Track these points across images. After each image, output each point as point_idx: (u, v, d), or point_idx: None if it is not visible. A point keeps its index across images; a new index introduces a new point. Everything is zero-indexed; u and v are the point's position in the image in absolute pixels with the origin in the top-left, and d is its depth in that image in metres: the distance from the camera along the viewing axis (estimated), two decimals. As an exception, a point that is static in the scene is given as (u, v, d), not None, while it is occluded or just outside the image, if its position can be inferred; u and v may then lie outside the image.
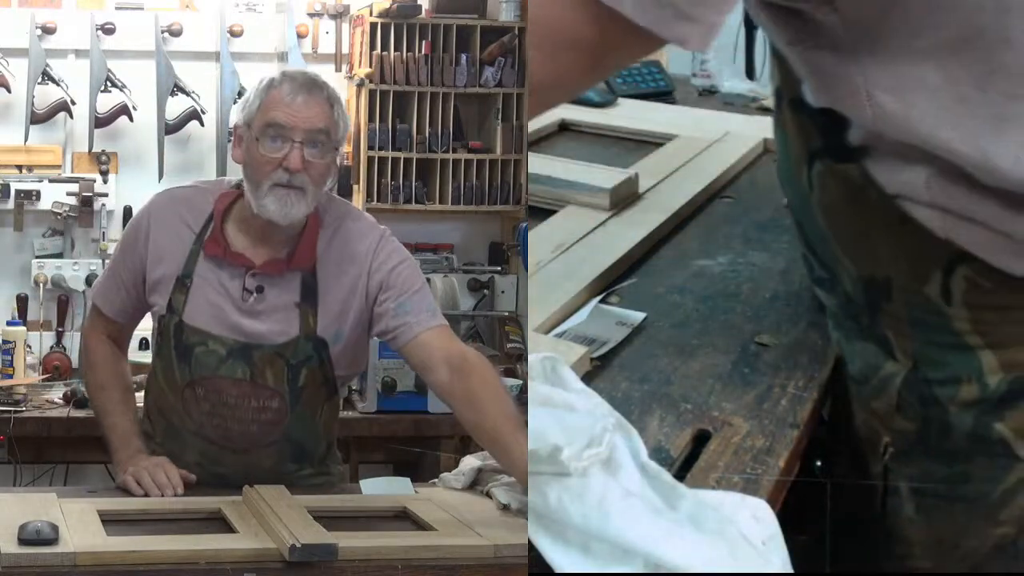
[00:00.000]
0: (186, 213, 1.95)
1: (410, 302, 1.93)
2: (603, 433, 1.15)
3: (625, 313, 1.68)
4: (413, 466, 3.17)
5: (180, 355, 1.92)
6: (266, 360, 1.91)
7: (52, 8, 3.50)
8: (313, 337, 1.92)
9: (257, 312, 1.91)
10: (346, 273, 1.93)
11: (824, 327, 1.67)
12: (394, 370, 3.16)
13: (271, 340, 1.91)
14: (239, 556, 1.59)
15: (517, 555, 1.63)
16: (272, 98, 1.88)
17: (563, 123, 2.72)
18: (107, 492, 1.92)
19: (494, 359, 3.44)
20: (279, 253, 1.92)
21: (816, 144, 1.48)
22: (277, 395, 1.93)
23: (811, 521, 1.49)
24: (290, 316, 1.91)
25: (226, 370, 1.91)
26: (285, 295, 1.91)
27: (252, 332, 1.91)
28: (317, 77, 1.94)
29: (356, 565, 1.60)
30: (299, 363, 1.92)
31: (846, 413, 1.60)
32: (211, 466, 1.96)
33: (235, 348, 1.91)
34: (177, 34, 3.54)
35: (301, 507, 1.76)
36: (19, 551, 1.54)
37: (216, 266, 1.91)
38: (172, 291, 1.92)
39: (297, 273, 1.91)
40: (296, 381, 1.93)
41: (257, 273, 1.91)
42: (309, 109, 1.87)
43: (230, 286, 1.91)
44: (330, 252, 1.93)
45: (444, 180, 3.58)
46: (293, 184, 1.84)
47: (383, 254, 1.95)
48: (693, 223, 2.10)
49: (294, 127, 1.85)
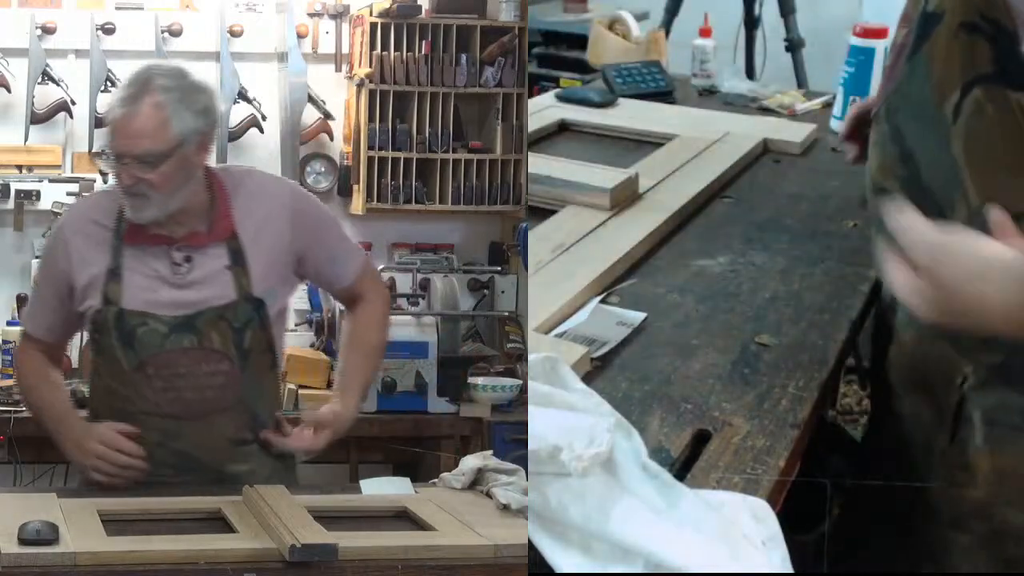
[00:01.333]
0: (97, 216, 2.02)
1: (338, 248, 2.12)
2: (603, 433, 1.15)
3: (625, 313, 1.68)
4: (413, 466, 3.17)
5: (124, 341, 1.97)
6: (210, 324, 1.98)
7: (52, 8, 3.50)
8: (251, 298, 1.99)
9: (191, 282, 1.98)
10: (267, 229, 2.02)
11: (824, 327, 1.67)
12: (394, 370, 3.16)
13: (211, 303, 1.98)
14: (239, 556, 1.59)
15: (517, 555, 1.63)
16: (109, 117, 1.96)
17: (563, 123, 2.72)
18: (107, 492, 1.92)
19: (494, 359, 3.45)
20: (198, 226, 1.99)
21: (985, 69, 1.46)
22: (226, 358, 1.98)
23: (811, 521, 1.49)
24: (224, 280, 1.99)
25: (172, 343, 1.97)
26: (214, 262, 1.99)
27: (191, 301, 1.98)
28: (156, 76, 1.95)
29: (356, 565, 1.60)
30: (242, 326, 1.99)
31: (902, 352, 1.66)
32: (172, 442, 1.99)
33: (176, 322, 1.97)
34: (177, 34, 3.54)
35: (301, 507, 1.76)
36: (19, 551, 1.54)
37: (141, 252, 1.99)
38: (105, 285, 1.98)
39: (221, 242, 1.99)
40: (242, 344, 1.99)
41: (182, 246, 1.98)
42: (132, 126, 1.91)
43: (159, 266, 1.98)
44: (247, 214, 2.01)
45: (444, 180, 3.58)
46: (134, 192, 1.93)
47: (300, 205, 2.07)
48: (693, 223, 2.09)
49: (119, 153, 1.92)
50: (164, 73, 1.95)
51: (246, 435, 2.03)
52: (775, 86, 3.22)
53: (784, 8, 4.28)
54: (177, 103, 1.92)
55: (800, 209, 2.19)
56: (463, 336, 3.44)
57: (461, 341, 3.38)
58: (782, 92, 3.09)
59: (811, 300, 1.77)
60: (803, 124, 2.75)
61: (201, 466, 1.99)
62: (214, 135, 2.03)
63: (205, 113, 1.97)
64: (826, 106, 2.92)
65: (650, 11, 4.49)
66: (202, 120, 1.96)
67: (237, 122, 3.56)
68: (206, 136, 1.98)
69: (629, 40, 3.46)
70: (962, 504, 1.61)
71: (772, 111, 2.95)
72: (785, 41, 4.29)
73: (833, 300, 1.77)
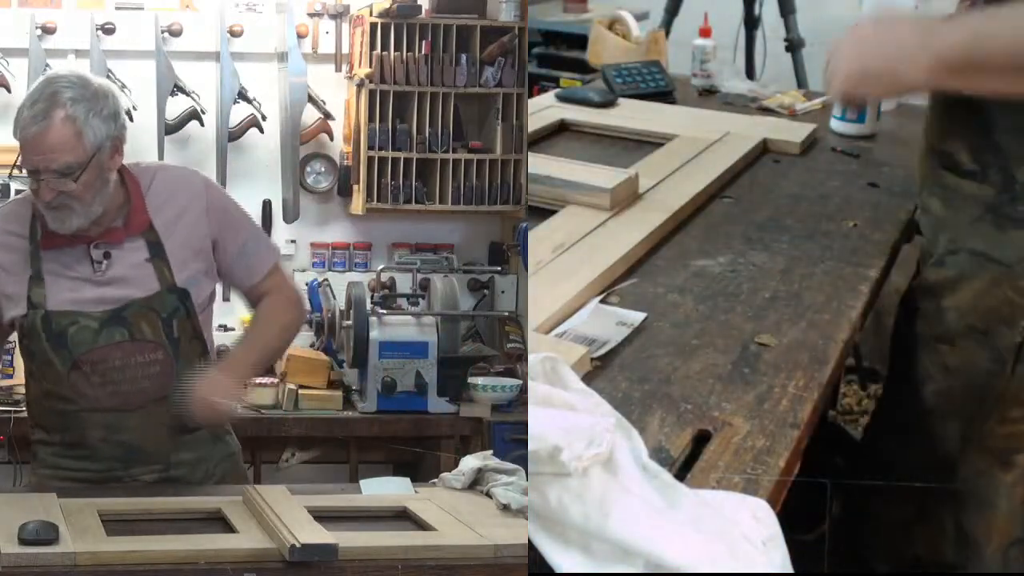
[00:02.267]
0: (11, 227, 2.05)
1: (249, 243, 2.14)
2: (603, 433, 1.15)
3: (625, 313, 1.68)
4: (413, 466, 3.17)
5: (55, 343, 2.00)
6: (139, 315, 2.00)
7: (52, 8, 3.50)
8: (174, 288, 2.02)
9: (113, 279, 2.01)
10: (182, 220, 2.06)
11: (824, 327, 1.67)
12: (394, 370, 3.17)
13: (136, 296, 2.00)
14: (239, 556, 1.59)
15: (517, 555, 1.63)
16: (19, 134, 1.96)
17: (563, 123, 2.72)
18: (107, 492, 1.93)
19: (494, 359, 3.45)
20: (114, 223, 2.02)
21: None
22: (159, 347, 2.01)
23: (811, 521, 1.49)
24: (146, 273, 2.02)
25: (104, 338, 1.99)
26: (133, 256, 2.02)
27: (116, 297, 2.00)
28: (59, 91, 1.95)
29: (356, 565, 1.61)
30: (169, 316, 2.02)
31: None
32: (116, 436, 2.01)
33: (106, 317, 1.99)
34: (177, 34, 3.54)
35: (301, 507, 1.76)
36: (19, 551, 1.54)
37: (60, 255, 2.02)
38: (28, 291, 2.00)
39: (138, 236, 2.03)
40: (172, 333, 2.02)
41: (99, 243, 2.01)
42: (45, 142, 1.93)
43: (79, 266, 2.01)
44: (162, 207, 2.05)
45: (444, 180, 3.58)
46: (56, 206, 1.96)
47: (212, 196, 2.11)
48: (693, 223, 2.09)
49: (37, 169, 1.95)
50: (68, 84, 1.96)
51: (186, 423, 2.05)
52: (775, 86, 3.22)
53: (784, 8, 4.28)
54: (87, 113, 1.95)
55: (800, 209, 2.19)
56: (463, 336, 3.44)
57: (461, 341, 3.38)
58: (782, 92, 3.09)
59: (811, 300, 1.77)
60: (803, 124, 2.75)
61: (147, 457, 2.03)
62: (125, 136, 2.04)
63: (114, 117, 1.99)
64: (826, 106, 2.92)
65: (650, 11, 4.49)
66: (112, 124, 1.98)
67: (237, 122, 3.56)
68: (118, 139, 2.01)
69: (629, 40, 3.46)
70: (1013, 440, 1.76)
71: (772, 111, 2.95)
72: (785, 41, 4.29)
73: (833, 300, 1.77)
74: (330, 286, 3.53)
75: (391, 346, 3.17)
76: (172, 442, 2.04)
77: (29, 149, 1.94)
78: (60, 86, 1.95)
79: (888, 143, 2.68)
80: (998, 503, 1.79)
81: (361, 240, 3.71)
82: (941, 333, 1.83)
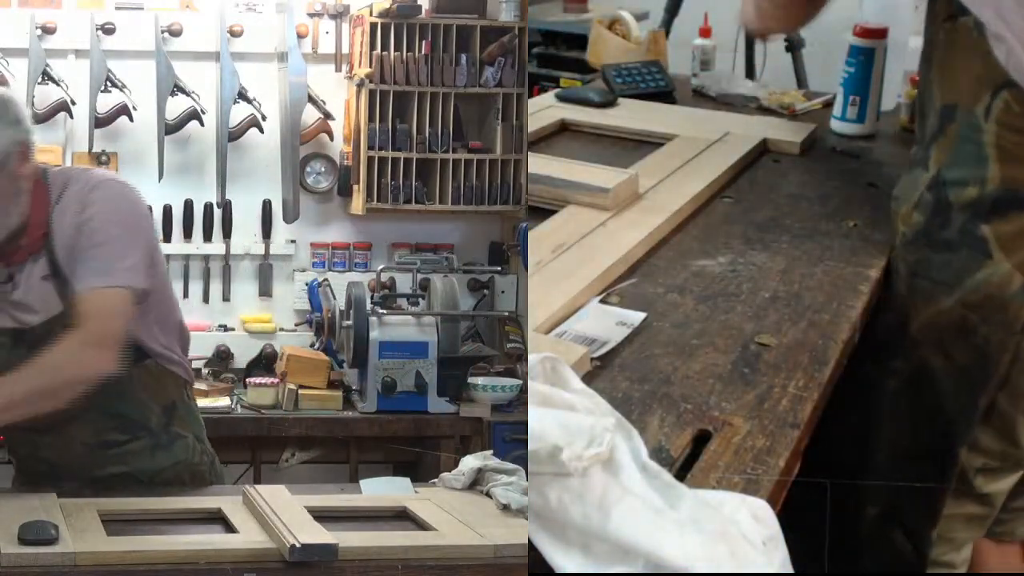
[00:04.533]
0: None
1: (93, 252, 1.93)
2: (603, 433, 1.15)
3: (625, 313, 1.68)
4: (413, 466, 3.17)
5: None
6: (41, 338, 1.91)
7: (52, 8, 3.50)
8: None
9: (17, 301, 1.95)
10: (66, 224, 1.94)
11: (824, 327, 1.67)
12: (394, 370, 3.17)
13: (39, 319, 1.94)
14: (239, 556, 1.59)
15: (517, 555, 1.63)
16: None
17: (563, 123, 2.72)
18: (107, 492, 1.93)
19: (494, 359, 3.45)
20: (14, 244, 1.94)
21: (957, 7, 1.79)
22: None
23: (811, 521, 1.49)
24: (47, 292, 1.94)
25: (14, 360, 1.90)
26: (35, 275, 1.94)
27: (22, 319, 1.95)
28: None
29: (356, 565, 1.61)
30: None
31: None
32: (39, 453, 2.00)
33: (13, 336, 1.94)
34: (177, 34, 3.54)
35: (301, 507, 1.76)
36: (19, 551, 1.54)
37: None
38: None
39: (40, 253, 1.94)
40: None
41: (3, 266, 1.94)
42: None
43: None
44: (64, 218, 1.94)
45: (444, 180, 3.58)
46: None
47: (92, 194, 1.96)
48: (693, 223, 2.09)
49: None
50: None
51: (115, 437, 2.01)
52: (775, 86, 3.22)
53: (784, 8, 4.27)
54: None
55: (800, 209, 2.19)
56: (463, 336, 3.44)
57: (461, 341, 3.38)
58: (782, 92, 3.09)
59: (811, 300, 1.76)
60: (803, 124, 2.75)
61: (69, 473, 1.98)
62: (32, 142, 1.96)
63: (17, 123, 1.93)
64: (826, 106, 2.92)
65: (650, 11, 4.48)
66: (15, 130, 1.92)
67: (237, 122, 3.56)
68: (24, 145, 1.93)
69: (629, 40, 3.45)
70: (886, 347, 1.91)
71: (772, 111, 2.95)
72: (785, 41, 4.28)
73: (833, 300, 1.77)
74: (330, 286, 3.53)
75: (391, 346, 3.18)
76: (93, 457, 1.99)
77: None
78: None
79: (888, 143, 2.68)
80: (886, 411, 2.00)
81: (361, 240, 3.71)
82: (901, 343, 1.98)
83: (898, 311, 1.93)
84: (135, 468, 2.02)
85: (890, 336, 1.94)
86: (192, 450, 2.09)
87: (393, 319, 3.22)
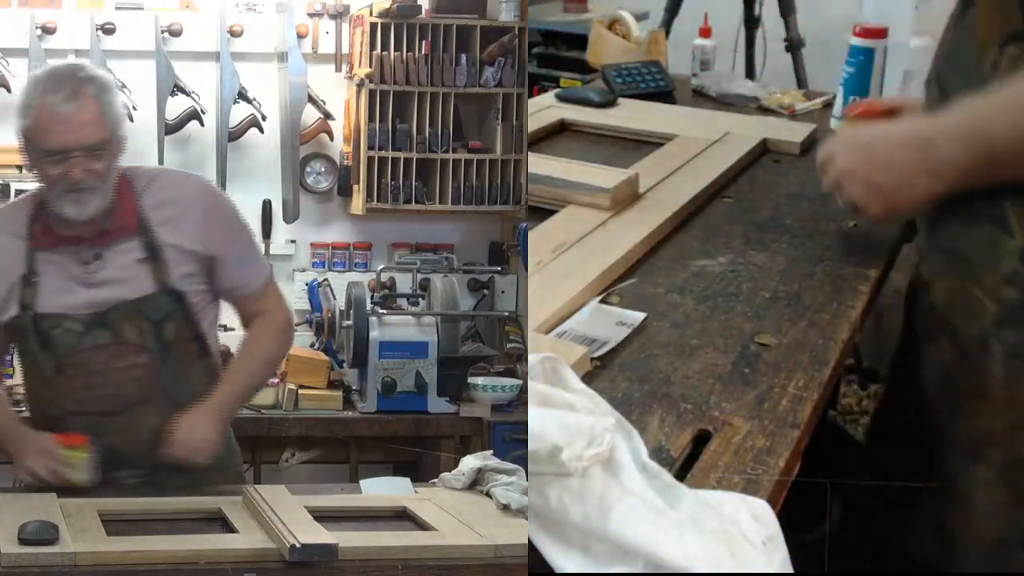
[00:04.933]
0: (8, 227, 2.05)
1: (247, 253, 2.14)
2: (603, 433, 1.15)
3: (625, 313, 1.68)
4: (413, 466, 3.17)
5: (41, 345, 2.00)
6: (123, 318, 2.00)
7: (52, 8, 3.50)
8: (170, 290, 2.01)
9: (104, 280, 2.01)
10: (179, 221, 2.05)
11: (824, 327, 1.67)
12: (394, 370, 3.17)
13: (124, 298, 2.00)
14: (239, 556, 1.59)
15: (517, 555, 1.63)
16: (41, 113, 1.96)
17: (563, 123, 2.72)
18: (107, 492, 1.93)
19: (494, 359, 3.45)
20: (105, 224, 2.01)
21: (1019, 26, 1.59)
22: (143, 351, 2.01)
23: (811, 521, 1.49)
24: (139, 274, 2.01)
25: (87, 341, 1.99)
26: (126, 256, 2.01)
27: (104, 299, 2.00)
28: (78, 71, 2.00)
29: (356, 565, 1.61)
30: (162, 318, 2.01)
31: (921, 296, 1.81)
32: (100, 439, 2.00)
33: (90, 320, 1.99)
34: (177, 34, 3.54)
35: (301, 507, 1.76)
36: (19, 551, 1.54)
37: (53, 255, 2.02)
38: (20, 292, 2.01)
39: (133, 236, 2.02)
40: (161, 337, 2.01)
41: (91, 244, 2.01)
42: (78, 120, 1.95)
43: (71, 266, 2.01)
44: (158, 209, 2.04)
45: (444, 180, 3.58)
46: (83, 187, 1.96)
47: (211, 201, 2.11)
48: (693, 223, 2.09)
49: (67, 148, 1.94)
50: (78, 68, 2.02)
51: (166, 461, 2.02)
52: (775, 86, 3.22)
53: (784, 8, 4.28)
54: (104, 94, 1.98)
55: (800, 209, 2.19)
56: (463, 336, 3.44)
57: (461, 341, 3.38)
58: (782, 92, 3.09)
59: (811, 300, 1.76)
60: (803, 124, 2.75)
61: (130, 460, 2.01)
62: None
63: (120, 103, 2.04)
64: (826, 106, 2.92)
65: (650, 11, 4.49)
66: (121, 108, 2.04)
67: (237, 122, 3.56)
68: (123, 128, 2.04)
69: (629, 40, 3.45)
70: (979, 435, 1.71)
71: (772, 111, 2.95)
72: (785, 41, 4.29)
73: (833, 300, 1.77)
74: (330, 286, 3.53)
75: (391, 346, 3.18)
76: (155, 446, 2.02)
77: (61, 129, 1.94)
78: (75, 69, 2.00)
79: (888, 143, 2.68)
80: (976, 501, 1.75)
81: (361, 240, 3.71)
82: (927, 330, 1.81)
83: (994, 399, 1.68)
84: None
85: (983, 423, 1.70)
86: (234, 450, 2.17)
87: (393, 319, 3.22)
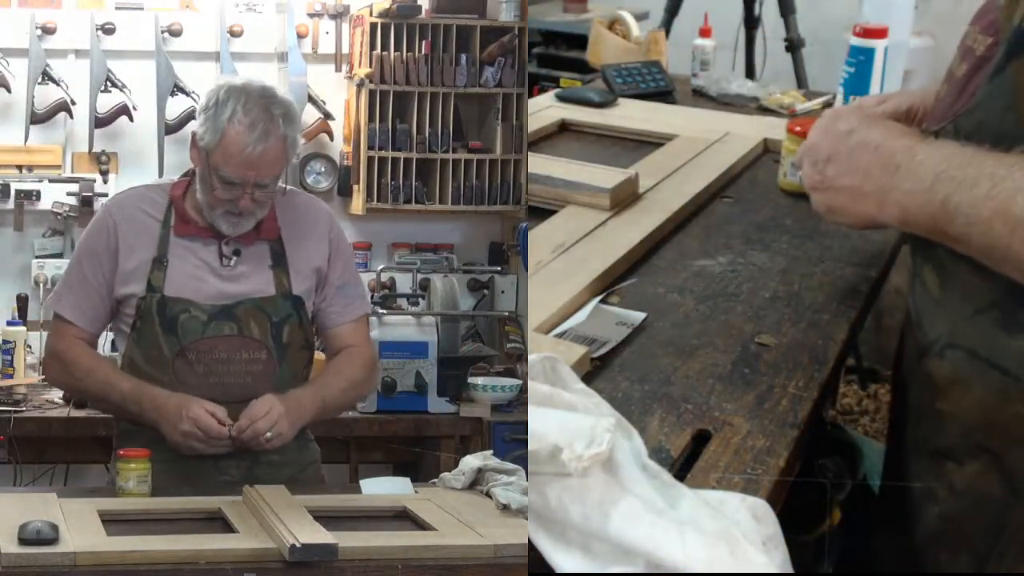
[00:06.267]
0: (146, 207, 2.11)
1: (350, 283, 2.20)
2: (603, 433, 1.15)
3: (625, 313, 1.68)
4: (413, 466, 3.17)
5: (165, 328, 2.04)
6: (249, 314, 2.06)
7: (52, 8, 3.51)
8: (290, 296, 2.09)
9: (236, 276, 2.08)
10: (308, 238, 2.14)
11: (824, 327, 1.67)
12: (394, 370, 3.17)
13: (251, 295, 2.06)
14: (239, 556, 1.59)
15: (517, 555, 1.63)
16: (230, 142, 1.99)
17: (563, 123, 2.72)
18: (107, 492, 1.93)
19: (494, 359, 3.45)
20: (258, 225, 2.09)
21: None
22: (264, 348, 2.07)
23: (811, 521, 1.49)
24: (266, 278, 2.09)
25: (213, 330, 2.05)
26: (258, 259, 2.09)
27: (233, 293, 2.07)
28: (272, 105, 2.02)
29: (356, 565, 1.61)
30: (281, 320, 2.08)
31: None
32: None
33: (218, 310, 2.05)
34: (177, 34, 3.54)
35: (301, 507, 1.76)
36: (19, 551, 1.54)
37: (190, 243, 2.08)
38: (149, 273, 2.05)
39: (264, 242, 2.11)
40: (280, 337, 2.08)
41: (231, 241, 2.07)
42: (264, 160, 2.00)
43: (207, 257, 2.07)
44: (290, 221, 2.14)
45: (444, 180, 3.58)
46: (245, 212, 2.03)
47: (335, 228, 2.20)
48: (693, 223, 2.09)
49: (246, 181, 2.00)
50: (278, 103, 2.03)
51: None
52: (775, 86, 3.22)
53: (784, 8, 4.28)
54: (291, 130, 2.04)
55: (800, 209, 2.19)
56: (463, 336, 3.44)
57: (461, 341, 3.39)
58: (782, 92, 3.09)
59: (811, 300, 1.76)
60: (803, 124, 2.75)
61: (238, 450, 2.05)
62: None
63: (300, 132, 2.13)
64: (826, 106, 2.92)
65: (650, 11, 4.49)
66: (299, 139, 2.13)
67: (237, 122, 3.56)
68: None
69: (629, 40, 3.45)
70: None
71: (772, 111, 2.95)
72: (785, 41, 4.29)
73: (833, 300, 1.77)
74: (330, 286, 3.53)
75: (391, 346, 3.17)
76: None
77: (244, 164, 1.99)
78: (271, 102, 2.02)
79: (888, 143, 2.68)
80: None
81: (361, 240, 3.71)
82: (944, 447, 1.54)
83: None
84: (287, 458, 2.11)
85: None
86: (316, 453, 2.21)
87: (393, 319, 3.22)
